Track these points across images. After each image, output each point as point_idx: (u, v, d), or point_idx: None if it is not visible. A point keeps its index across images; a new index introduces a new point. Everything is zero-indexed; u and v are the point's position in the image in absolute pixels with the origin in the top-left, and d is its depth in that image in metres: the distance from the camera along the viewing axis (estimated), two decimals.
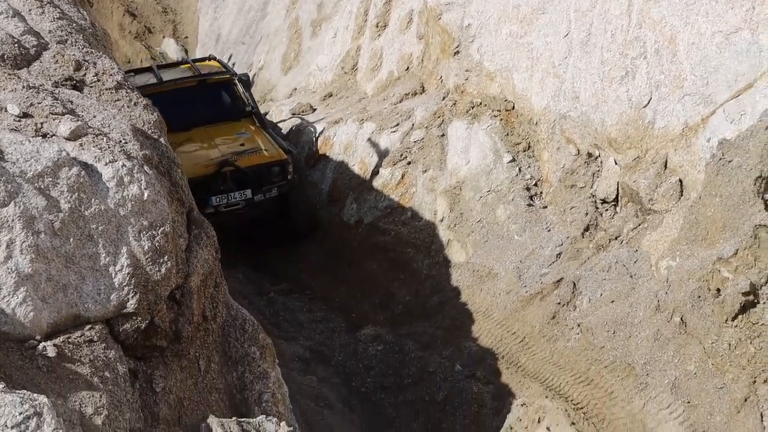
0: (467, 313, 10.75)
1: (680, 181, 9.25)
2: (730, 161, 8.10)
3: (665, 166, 9.43)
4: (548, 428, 8.05)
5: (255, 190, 13.30)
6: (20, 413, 3.72)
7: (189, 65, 15.81)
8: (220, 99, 15.07)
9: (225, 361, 6.44)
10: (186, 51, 23.70)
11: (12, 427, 3.63)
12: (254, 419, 5.81)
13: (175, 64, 16.50)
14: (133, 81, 14.18)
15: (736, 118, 8.57)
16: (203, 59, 16.68)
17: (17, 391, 3.83)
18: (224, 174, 13.09)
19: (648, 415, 8.01)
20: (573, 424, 8.03)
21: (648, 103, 9.74)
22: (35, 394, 3.82)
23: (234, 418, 5.76)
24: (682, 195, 9.20)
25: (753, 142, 8.00)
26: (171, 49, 23.65)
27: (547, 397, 8.63)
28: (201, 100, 14.69)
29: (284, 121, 16.61)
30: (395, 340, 10.64)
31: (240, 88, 15.04)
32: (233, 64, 20.71)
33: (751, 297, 7.48)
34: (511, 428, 8.50)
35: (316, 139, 15.32)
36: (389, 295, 11.94)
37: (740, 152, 8.06)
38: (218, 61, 16.36)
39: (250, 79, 15.60)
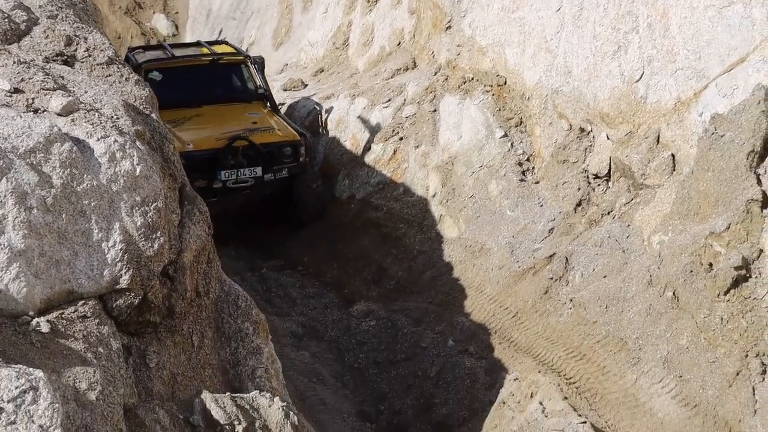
0: (460, 289, 10.76)
1: (672, 155, 9.24)
2: (722, 136, 8.10)
3: (657, 141, 9.43)
4: (541, 403, 8.07)
5: (265, 168, 13.06)
6: (16, 387, 3.72)
7: (201, 46, 15.63)
8: (232, 79, 14.94)
9: (218, 337, 6.44)
10: (176, 26, 23.58)
11: (8, 401, 3.63)
12: (248, 394, 5.83)
13: (186, 45, 16.49)
14: (143, 56, 14.51)
15: (729, 93, 8.56)
16: (216, 42, 16.45)
17: (13, 366, 3.83)
18: (235, 149, 12.86)
19: (640, 390, 8.04)
20: (566, 398, 8.05)
21: (640, 77, 9.73)
22: (31, 369, 3.82)
23: (228, 393, 5.77)
24: (674, 170, 9.20)
25: (745, 117, 8.00)
26: (161, 24, 23.53)
27: (539, 371, 8.65)
28: (213, 78, 14.60)
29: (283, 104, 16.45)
30: (388, 316, 10.66)
31: (253, 70, 14.77)
32: (224, 39, 20.58)
33: (744, 271, 7.50)
34: (504, 403, 8.52)
35: (324, 119, 15.20)
36: (382, 271, 11.95)
37: (733, 126, 8.05)
38: (230, 45, 16.08)
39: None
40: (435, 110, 12.94)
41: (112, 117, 5.73)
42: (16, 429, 3.58)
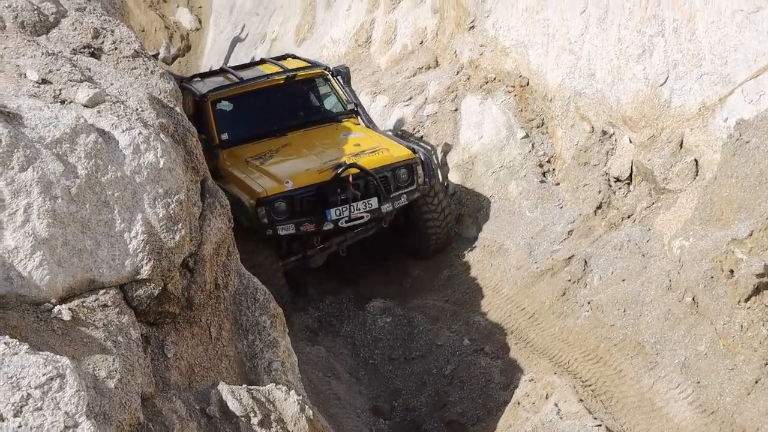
0: (477, 288, 10.75)
1: (695, 160, 9.21)
2: (747, 142, 8.06)
3: (681, 146, 9.40)
4: (556, 404, 8.05)
5: (381, 198, 10.83)
6: (44, 374, 3.74)
7: (267, 64, 13.40)
8: (314, 97, 12.81)
9: (236, 329, 6.47)
10: (200, 20, 23.60)
11: (35, 388, 3.66)
12: (264, 387, 5.85)
13: (249, 65, 13.97)
14: (203, 85, 12.45)
15: (755, 99, 8.52)
16: (281, 57, 13.95)
17: (41, 353, 3.86)
18: (344, 179, 10.59)
19: (657, 395, 8.01)
20: (581, 401, 8.03)
21: (665, 81, 9.70)
22: (58, 356, 3.85)
23: (244, 385, 5.79)
24: (697, 175, 9.17)
25: None
26: (185, 19, 23.57)
27: (555, 373, 8.64)
28: (292, 100, 12.52)
29: None
30: (404, 313, 10.67)
31: (336, 83, 12.58)
32: (246, 35, 20.61)
33: (765, 279, 7.45)
34: (519, 403, 8.51)
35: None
36: (399, 268, 11.95)
37: (758, 133, 8.01)
38: (299, 57, 13.83)
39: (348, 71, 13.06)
40: (456, 109, 12.93)
41: (137, 109, 5.77)
42: (43, 415, 3.61)
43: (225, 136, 11.64)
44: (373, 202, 10.75)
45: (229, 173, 11.02)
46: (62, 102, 5.39)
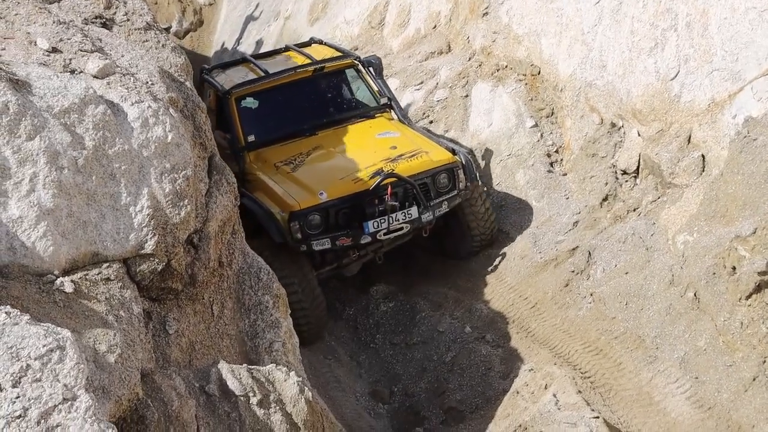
0: (480, 276, 10.74)
1: (703, 156, 9.19)
2: (755, 139, 8.04)
3: (689, 141, 9.37)
4: (554, 395, 8.06)
5: (421, 206, 10.04)
6: (44, 346, 3.75)
7: (292, 52, 12.37)
8: (345, 91, 11.84)
9: (238, 308, 6.48)
10: None
11: (35, 359, 3.67)
12: (264, 367, 5.86)
13: (272, 53, 12.97)
14: (225, 78, 11.56)
15: (764, 97, 8.49)
16: (305, 44, 12.90)
17: (41, 324, 3.87)
18: (383, 188, 9.80)
19: (655, 389, 8.02)
20: (580, 392, 8.03)
21: (675, 76, 9.67)
22: (59, 328, 3.86)
23: (244, 365, 5.80)
24: (703, 171, 9.14)
25: None
26: None
27: (555, 363, 8.65)
28: (322, 94, 11.57)
29: None
30: (407, 299, 10.67)
31: (367, 74, 11.67)
32: (260, 13, 20.54)
33: (767, 277, 7.44)
34: (518, 392, 8.52)
35: None
36: (404, 253, 11.93)
37: (766, 131, 7.99)
38: (328, 44, 12.75)
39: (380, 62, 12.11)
40: (467, 96, 12.89)
41: (147, 82, 5.76)
42: (41, 387, 3.62)
43: (251, 138, 10.78)
44: (413, 211, 9.98)
45: (257, 179, 10.30)
46: (72, 72, 5.39)
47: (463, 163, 10.37)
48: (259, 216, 9.64)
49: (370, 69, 11.66)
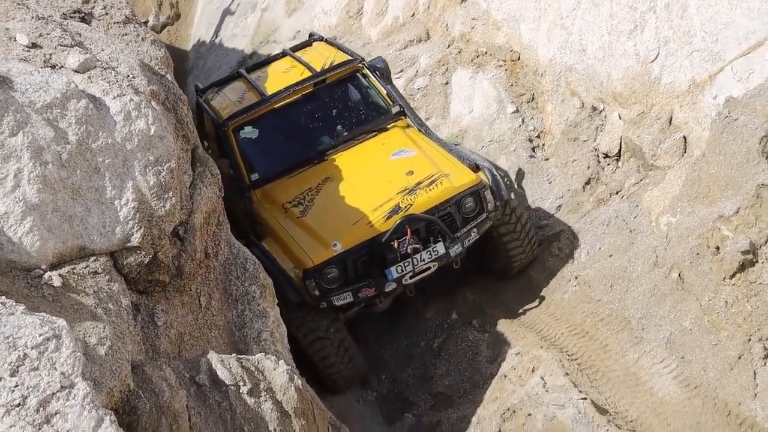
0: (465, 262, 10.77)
1: (684, 137, 9.24)
2: (736, 120, 8.09)
3: (670, 123, 9.42)
4: (542, 378, 8.11)
5: (448, 239, 8.96)
6: (40, 335, 3.76)
7: (290, 58, 11.23)
8: (352, 102, 10.61)
9: (225, 299, 6.50)
10: None
11: (32, 348, 3.68)
12: (253, 357, 5.88)
13: (269, 61, 11.75)
14: (219, 99, 10.72)
15: (744, 77, 8.54)
16: (304, 44, 11.92)
17: (37, 314, 3.87)
18: (402, 230, 8.72)
19: (641, 369, 8.07)
20: (567, 374, 8.09)
21: (655, 58, 9.70)
22: (54, 317, 3.87)
23: (234, 354, 5.82)
24: (685, 152, 9.20)
25: (760, 101, 7.99)
26: None
27: (542, 347, 8.69)
28: (327, 110, 10.38)
29: None
30: None
31: (375, 80, 10.58)
32: (237, 6, 20.47)
33: (750, 256, 7.50)
34: (505, 376, 8.57)
35: None
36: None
37: (747, 111, 8.04)
38: (326, 40, 11.80)
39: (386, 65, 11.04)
40: (447, 83, 12.91)
41: (128, 76, 5.76)
42: (39, 375, 3.63)
43: (255, 177, 9.79)
44: (439, 247, 8.90)
45: (266, 224, 9.41)
46: (52, 67, 5.38)
47: (490, 181, 9.25)
48: (271, 274, 7.79)
49: (376, 74, 10.63)
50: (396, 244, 8.69)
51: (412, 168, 9.27)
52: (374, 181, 9.29)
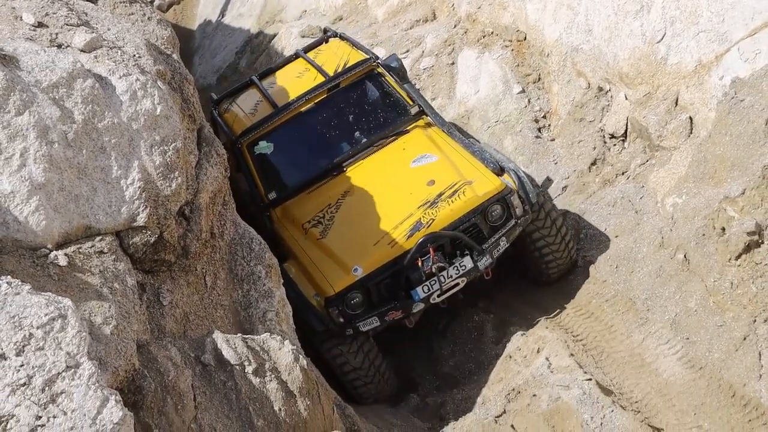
0: None
1: (690, 118, 9.21)
2: (742, 100, 8.06)
3: (676, 103, 9.39)
4: (547, 358, 8.12)
5: (475, 252, 8.52)
6: (45, 314, 3.78)
7: (303, 60, 10.84)
8: (369, 106, 10.05)
9: (231, 279, 6.50)
10: None
11: (37, 328, 3.69)
12: (258, 336, 5.89)
13: (282, 65, 11.30)
14: (233, 111, 10.48)
15: (751, 57, 8.50)
16: (319, 42, 11.43)
17: (43, 293, 3.89)
18: (424, 249, 8.30)
19: (647, 350, 8.08)
20: (572, 355, 8.10)
21: (662, 38, 9.66)
22: (60, 297, 3.88)
23: (239, 334, 5.83)
24: (691, 133, 9.18)
25: (767, 82, 7.96)
26: None
27: (547, 328, 8.70)
28: (343, 116, 9.93)
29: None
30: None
31: (392, 79, 10.06)
32: None
33: (756, 237, 7.49)
34: (510, 357, 8.58)
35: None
36: None
37: (753, 92, 8.01)
38: (341, 36, 11.29)
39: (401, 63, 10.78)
40: (453, 63, 12.87)
41: (135, 55, 5.75)
42: (45, 355, 3.65)
43: (273, 195, 9.44)
44: (467, 262, 8.45)
45: (285, 245, 9.04)
46: (59, 46, 5.37)
47: (516, 184, 8.74)
48: (294, 302, 7.63)
49: (392, 74, 10.14)
50: (420, 263, 8.29)
51: (433, 177, 8.84)
52: (395, 193, 8.89)
